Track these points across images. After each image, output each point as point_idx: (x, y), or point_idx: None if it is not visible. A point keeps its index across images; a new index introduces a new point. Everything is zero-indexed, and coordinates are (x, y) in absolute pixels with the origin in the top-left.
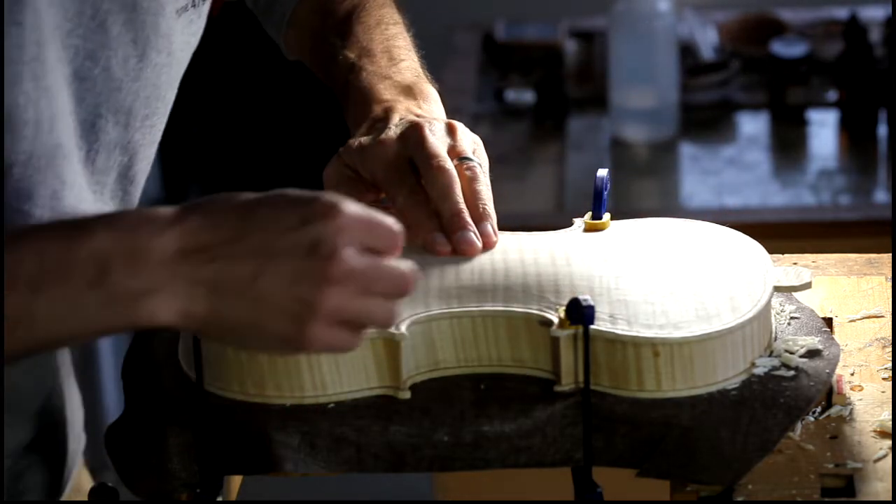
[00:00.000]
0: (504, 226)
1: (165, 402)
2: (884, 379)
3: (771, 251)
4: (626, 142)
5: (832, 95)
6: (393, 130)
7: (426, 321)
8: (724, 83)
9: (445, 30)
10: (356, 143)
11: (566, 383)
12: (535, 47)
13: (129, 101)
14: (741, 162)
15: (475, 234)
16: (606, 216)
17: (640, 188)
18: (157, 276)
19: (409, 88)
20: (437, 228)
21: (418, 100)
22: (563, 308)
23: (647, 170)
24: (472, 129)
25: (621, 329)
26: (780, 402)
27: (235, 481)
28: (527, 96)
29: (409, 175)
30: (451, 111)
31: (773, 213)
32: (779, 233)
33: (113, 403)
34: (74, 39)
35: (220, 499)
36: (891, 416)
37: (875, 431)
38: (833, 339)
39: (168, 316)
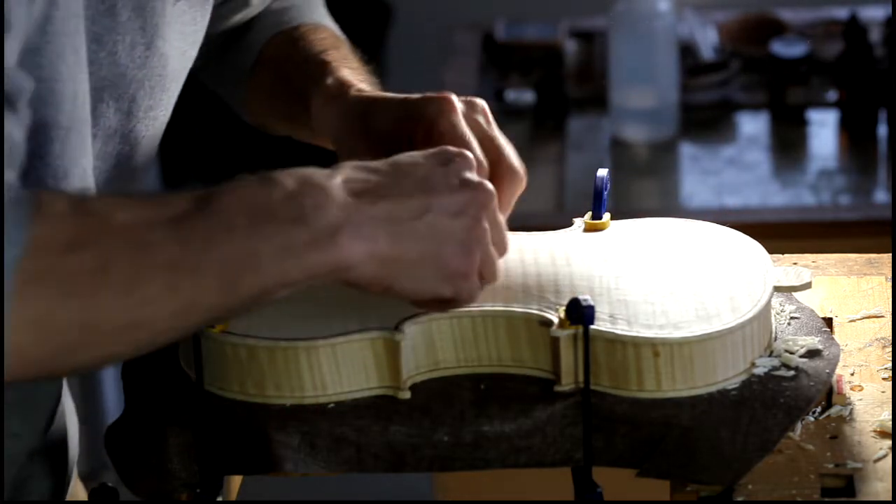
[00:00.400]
0: None
1: (165, 402)
2: (884, 379)
3: (771, 251)
4: (626, 142)
5: (832, 95)
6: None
7: (426, 321)
8: (724, 83)
9: (445, 30)
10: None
11: (566, 383)
12: (535, 47)
13: (133, 90)
14: (741, 162)
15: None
16: (606, 216)
17: (640, 188)
18: (341, 212)
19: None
20: None
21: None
22: (563, 308)
23: (647, 170)
24: None
25: (621, 329)
26: (780, 402)
27: (235, 481)
28: (527, 96)
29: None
30: None
31: (773, 213)
32: (779, 233)
33: (113, 403)
34: (84, 21)
35: (220, 499)
36: (891, 416)
37: (875, 431)
38: (833, 339)
39: (360, 253)
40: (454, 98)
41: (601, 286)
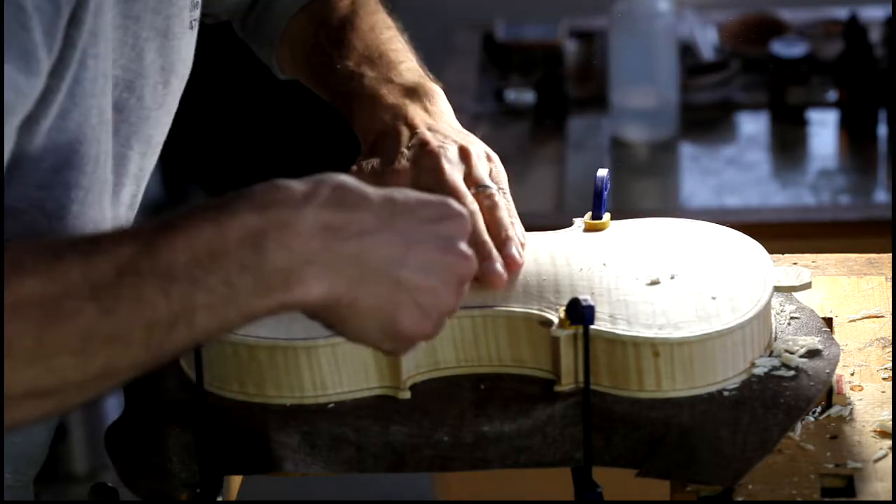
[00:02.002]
0: None
1: (165, 402)
2: (884, 379)
3: (771, 251)
4: (626, 142)
5: (832, 95)
6: (406, 157)
7: None
8: (724, 83)
9: (445, 30)
10: (369, 167)
11: (566, 383)
12: (535, 47)
13: (152, 130)
14: (741, 162)
15: (500, 262)
16: (606, 216)
17: (640, 188)
18: (308, 247)
19: (413, 90)
20: None
21: (424, 101)
22: (563, 308)
23: (647, 170)
24: (472, 130)
25: (621, 329)
26: (780, 402)
27: (235, 481)
28: (527, 96)
29: None
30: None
31: (773, 213)
32: (779, 233)
33: (113, 403)
34: (115, 70)
35: (220, 499)
36: (891, 416)
37: (875, 431)
38: (833, 339)
39: (316, 291)
40: (440, 159)
41: (601, 286)
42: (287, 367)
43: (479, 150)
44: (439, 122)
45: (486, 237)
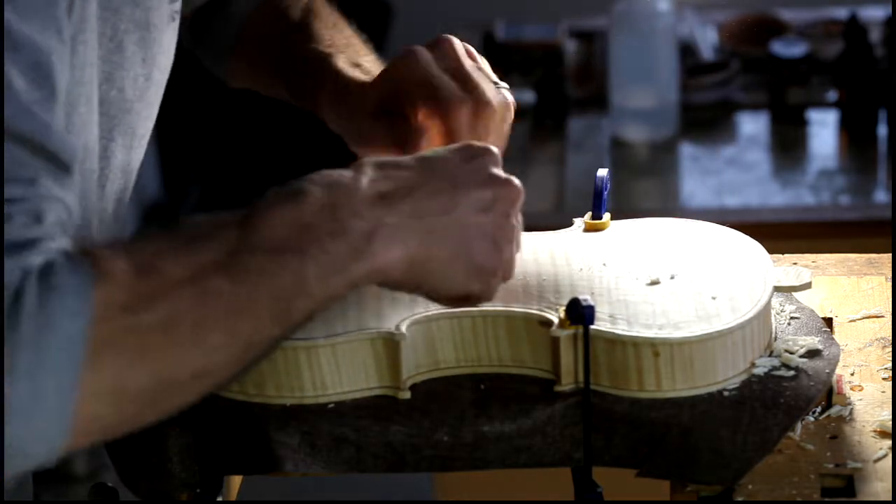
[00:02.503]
0: None
1: None
2: (884, 379)
3: (771, 251)
4: (626, 142)
5: (832, 95)
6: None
7: (426, 321)
8: (724, 83)
9: (445, 30)
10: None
11: (566, 383)
12: (535, 47)
13: (135, 122)
14: (741, 162)
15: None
16: (606, 216)
17: (640, 188)
18: (373, 216)
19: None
20: None
21: None
22: (563, 308)
23: (647, 170)
24: None
25: (621, 329)
26: (780, 402)
27: (235, 481)
28: (527, 96)
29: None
30: None
31: (773, 213)
32: (779, 233)
33: None
34: (97, 61)
35: (220, 499)
36: (891, 416)
37: (875, 431)
38: (833, 339)
39: (395, 253)
40: (417, 49)
41: (601, 286)
42: (287, 367)
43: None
44: None
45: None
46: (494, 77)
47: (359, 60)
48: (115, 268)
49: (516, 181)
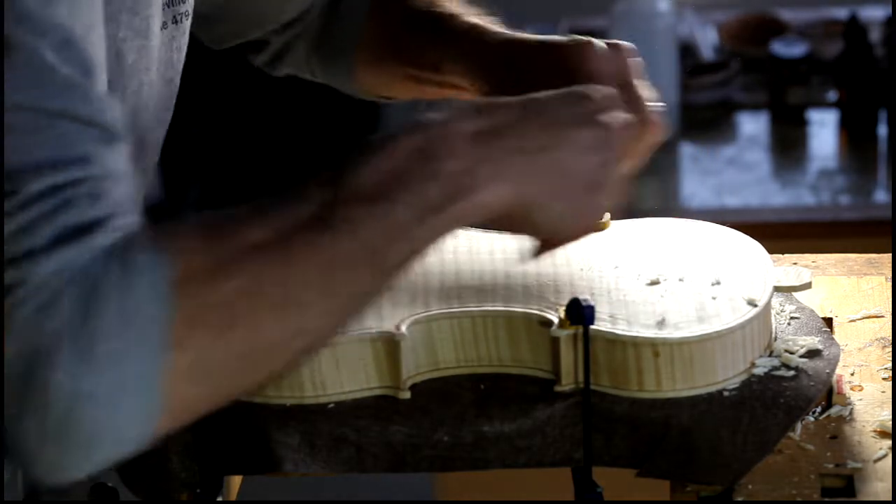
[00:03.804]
0: None
1: None
2: (884, 379)
3: (771, 251)
4: None
5: (832, 95)
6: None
7: (426, 321)
8: (724, 83)
9: None
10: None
11: (566, 383)
12: None
13: (142, 132)
14: (741, 162)
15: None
16: (606, 216)
17: (640, 188)
18: (471, 152)
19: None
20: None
21: None
22: (563, 308)
23: (647, 170)
24: None
25: (621, 329)
26: (780, 402)
27: (235, 481)
28: None
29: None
30: None
31: (773, 213)
32: (779, 233)
33: None
34: None
35: (220, 499)
36: (891, 416)
37: (875, 431)
38: (833, 339)
39: (496, 192)
40: (596, 43)
41: (601, 286)
42: None
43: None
44: None
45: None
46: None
47: (486, 20)
48: (188, 242)
49: (619, 121)
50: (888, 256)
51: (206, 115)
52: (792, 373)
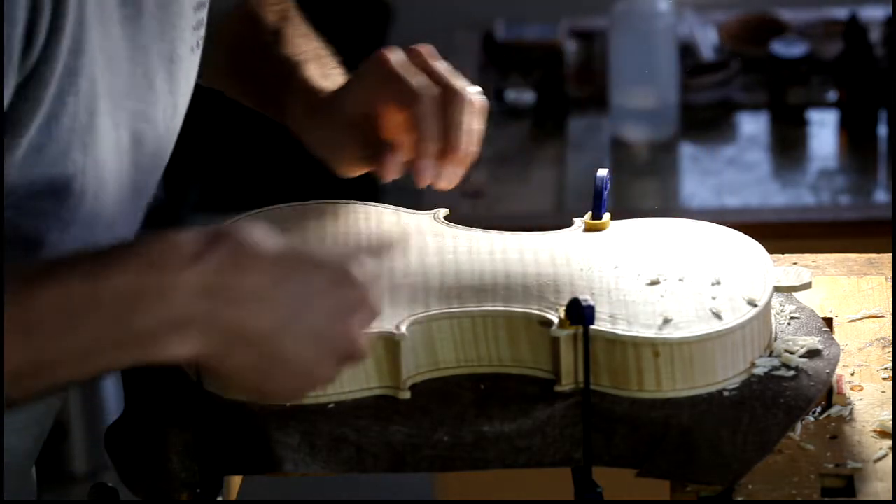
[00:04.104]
0: (504, 226)
1: (165, 402)
2: (884, 379)
3: (771, 251)
4: (626, 142)
5: (832, 95)
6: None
7: (426, 321)
8: (724, 83)
9: (445, 30)
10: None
11: (566, 383)
12: (535, 47)
13: (164, 154)
14: (741, 162)
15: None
16: (606, 216)
17: (640, 188)
18: (182, 311)
19: None
20: (435, 154)
21: None
22: (563, 308)
23: (647, 170)
24: None
25: (621, 329)
26: (780, 402)
27: (235, 481)
28: (527, 96)
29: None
30: None
31: (773, 213)
32: (779, 233)
33: (113, 403)
34: (130, 102)
35: (220, 499)
36: (891, 416)
37: (875, 431)
38: (833, 339)
39: (184, 351)
40: (387, 52)
41: (601, 286)
42: None
43: (442, 64)
44: None
45: (432, 132)
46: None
47: (328, 72)
48: None
49: (358, 330)
50: (888, 256)
51: (206, 116)
52: (792, 373)
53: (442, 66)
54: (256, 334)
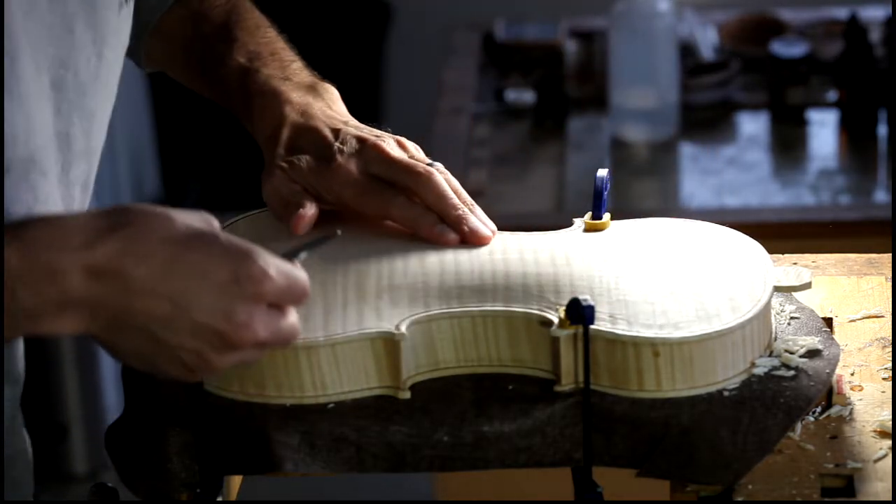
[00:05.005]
0: (504, 226)
1: (165, 402)
2: (884, 379)
3: (771, 251)
4: (626, 142)
5: (832, 95)
6: (346, 151)
7: (426, 321)
8: (724, 83)
9: (445, 30)
10: (305, 166)
11: (566, 383)
12: (535, 47)
13: (93, 105)
14: (741, 162)
15: (477, 220)
16: (606, 216)
17: (640, 188)
18: (69, 294)
19: (312, 88)
20: (438, 222)
21: (325, 100)
22: (563, 308)
23: (647, 170)
24: (472, 130)
25: (621, 329)
26: (780, 402)
27: (235, 481)
28: (527, 96)
29: (384, 189)
30: (451, 111)
31: (773, 213)
32: (779, 233)
33: (113, 403)
34: (48, 48)
35: (220, 499)
36: (891, 416)
37: (875, 431)
38: (833, 339)
39: (69, 328)
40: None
41: (601, 286)
42: (287, 367)
43: (409, 143)
44: (351, 120)
45: (456, 200)
46: (421, 155)
47: (286, 74)
48: None
49: (256, 328)
50: (888, 256)
51: (207, 114)
52: (792, 373)
53: (422, 156)
54: (143, 322)
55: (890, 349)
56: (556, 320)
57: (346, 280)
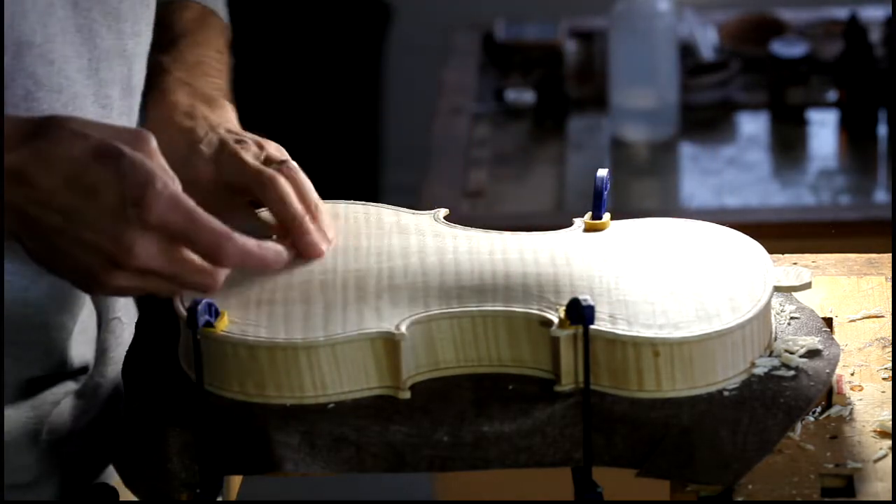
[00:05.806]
0: (504, 226)
1: (165, 402)
2: (884, 379)
3: (771, 251)
4: (626, 142)
5: (832, 95)
6: (205, 155)
7: (426, 321)
8: (724, 83)
9: (445, 30)
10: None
11: (566, 383)
12: (535, 47)
13: (116, 4)
14: (741, 162)
15: (316, 234)
16: (606, 216)
17: (640, 188)
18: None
19: (208, 98)
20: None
21: (216, 109)
22: (563, 308)
23: (647, 170)
24: (472, 130)
25: (621, 329)
26: (780, 402)
27: (235, 481)
28: (527, 96)
29: (231, 198)
30: (451, 111)
31: (773, 213)
32: (779, 233)
33: None
34: None
35: (220, 499)
36: (891, 416)
37: (875, 431)
38: (833, 339)
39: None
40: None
41: (601, 286)
42: (287, 368)
43: (273, 145)
44: (230, 125)
45: (296, 207)
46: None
47: (192, 80)
48: None
49: (144, 256)
50: (888, 256)
51: None
52: (792, 373)
53: (281, 153)
54: (41, 230)
55: (890, 349)
56: (556, 320)
57: (346, 280)
